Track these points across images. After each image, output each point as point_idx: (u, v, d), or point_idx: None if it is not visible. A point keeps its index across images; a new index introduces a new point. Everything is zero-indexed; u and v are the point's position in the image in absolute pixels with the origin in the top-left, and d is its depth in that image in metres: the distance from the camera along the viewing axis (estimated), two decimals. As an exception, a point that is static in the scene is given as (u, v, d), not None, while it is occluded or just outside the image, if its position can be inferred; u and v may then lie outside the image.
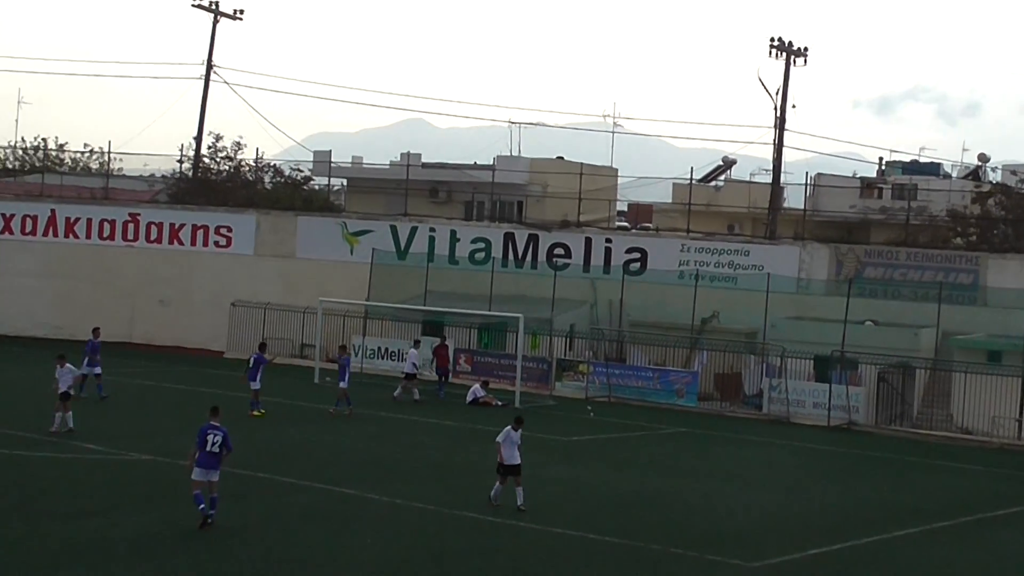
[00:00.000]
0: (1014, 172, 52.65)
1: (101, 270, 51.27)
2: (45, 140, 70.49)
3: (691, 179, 52.20)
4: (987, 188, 52.18)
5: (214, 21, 56.07)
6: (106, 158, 61.60)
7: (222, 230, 51.02)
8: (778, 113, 49.07)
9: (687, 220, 49.26)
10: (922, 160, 65.93)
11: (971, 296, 42.89)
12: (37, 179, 57.43)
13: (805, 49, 49.84)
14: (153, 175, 60.90)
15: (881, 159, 66.40)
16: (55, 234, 51.90)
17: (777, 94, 49.12)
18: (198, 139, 56.44)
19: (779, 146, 49.55)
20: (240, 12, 56.38)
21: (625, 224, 58.40)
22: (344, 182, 60.31)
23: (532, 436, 26.72)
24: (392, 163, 58.94)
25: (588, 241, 47.50)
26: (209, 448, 20.46)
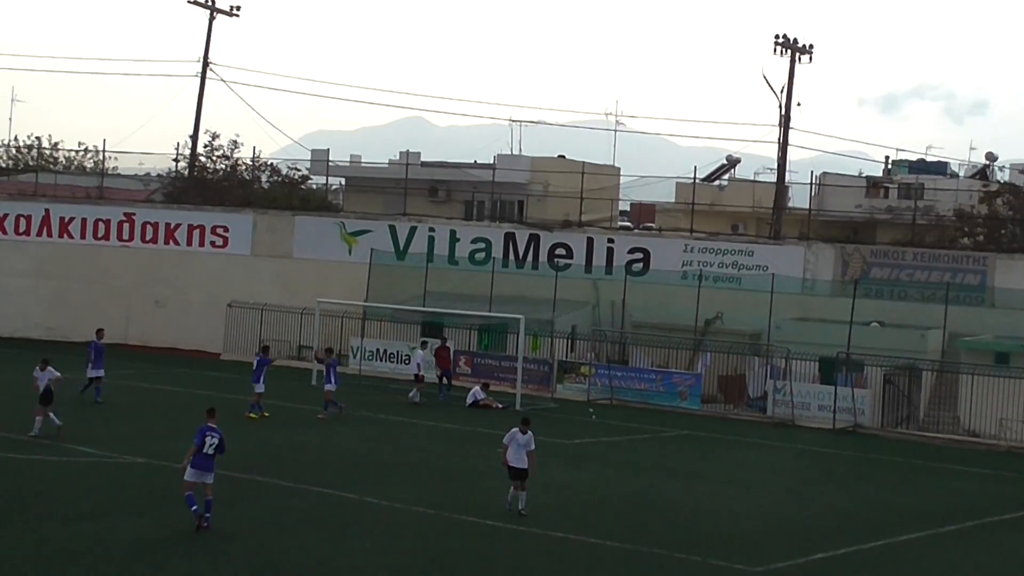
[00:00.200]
0: (1022, 171, 52.69)
1: (96, 270, 51.31)
2: (39, 138, 70.66)
3: (694, 178, 52.23)
4: (995, 187, 52.20)
5: (210, 18, 56.09)
6: (101, 157, 61.61)
7: (218, 230, 51.05)
8: (783, 111, 49.11)
9: (690, 220, 49.28)
10: (929, 159, 65.97)
11: (978, 297, 42.92)
12: (31, 178, 57.47)
13: (810, 46, 49.90)
14: (148, 174, 61.00)
15: (887, 158, 66.49)
16: (49, 234, 51.95)
17: (782, 92, 49.18)
18: (194, 137, 56.49)
19: (784, 145, 49.57)
20: (236, 9, 56.41)
21: (628, 224, 58.42)
22: (342, 181, 60.36)
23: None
24: (391, 162, 58.98)
25: (590, 241, 47.52)
26: (205, 450, 20.48)
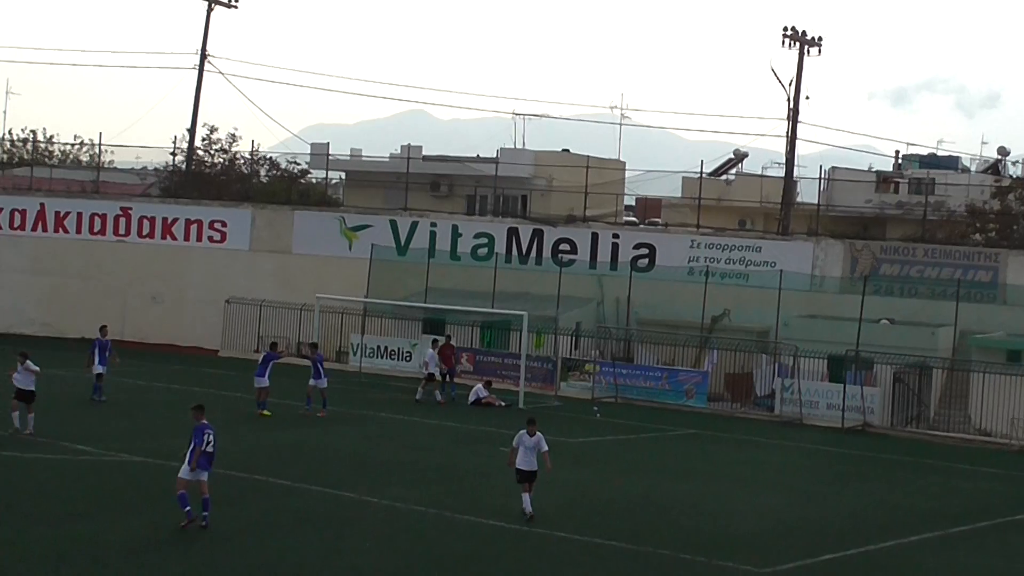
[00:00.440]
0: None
1: (91, 266, 51.32)
2: (34, 132, 70.66)
3: (701, 173, 52.19)
4: (1007, 182, 52.19)
5: (208, 9, 56.01)
6: (97, 151, 61.65)
7: (216, 225, 51.03)
8: (791, 105, 49.04)
9: (697, 215, 49.23)
10: (940, 153, 65.93)
11: (990, 294, 42.87)
12: (26, 172, 57.48)
13: (819, 39, 49.82)
14: (145, 168, 60.93)
15: (897, 152, 66.44)
16: (44, 229, 51.95)
17: (790, 85, 49.10)
18: (192, 131, 56.46)
19: (792, 139, 49.51)
20: (235, 0, 56.37)
21: (633, 219, 58.39)
22: (342, 175, 60.33)
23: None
24: (392, 156, 58.95)
25: (594, 236, 47.48)
26: (204, 447, 20.45)
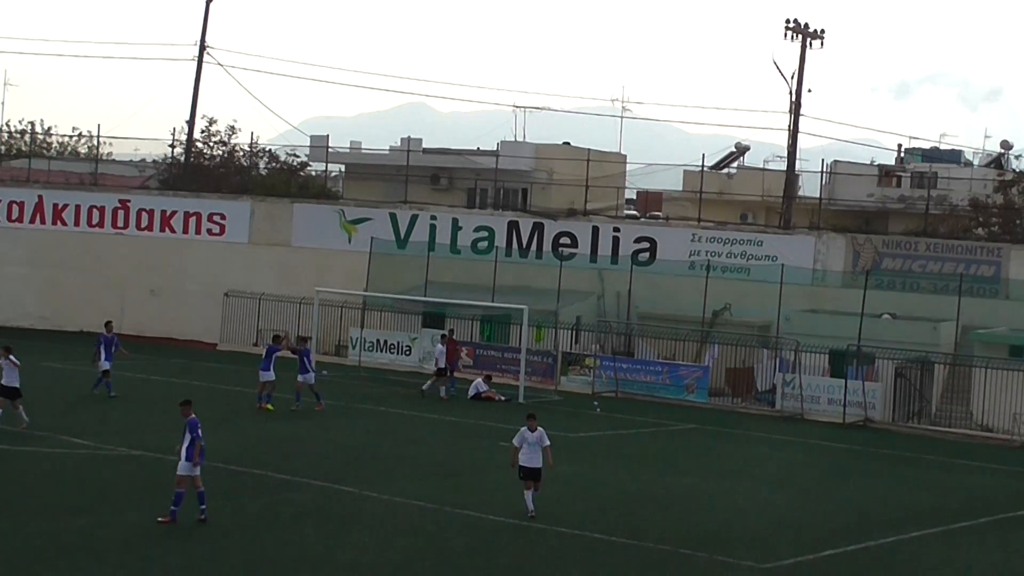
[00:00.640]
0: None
1: (90, 258, 51.28)
2: (32, 124, 70.51)
3: (702, 166, 52.10)
4: (1010, 176, 52.07)
5: (207, 0, 55.97)
6: (95, 142, 61.62)
7: (215, 217, 50.99)
8: (793, 98, 48.96)
9: (698, 209, 49.17)
10: (943, 147, 65.85)
11: (993, 289, 42.83)
12: (24, 164, 57.42)
13: (822, 31, 49.74)
14: (144, 160, 60.87)
15: (900, 146, 66.40)
16: (42, 221, 51.91)
17: (792, 78, 49.02)
18: (191, 123, 56.42)
19: (794, 132, 49.45)
20: (234, -9, 56.25)
21: (634, 212, 58.33)
22: (342, 168, 60.28)
23: (536, 432, 26.65)
24: (392, 148, 58.88)
25: (595, 230, 47.44)
26: (201, 441, 20.44)
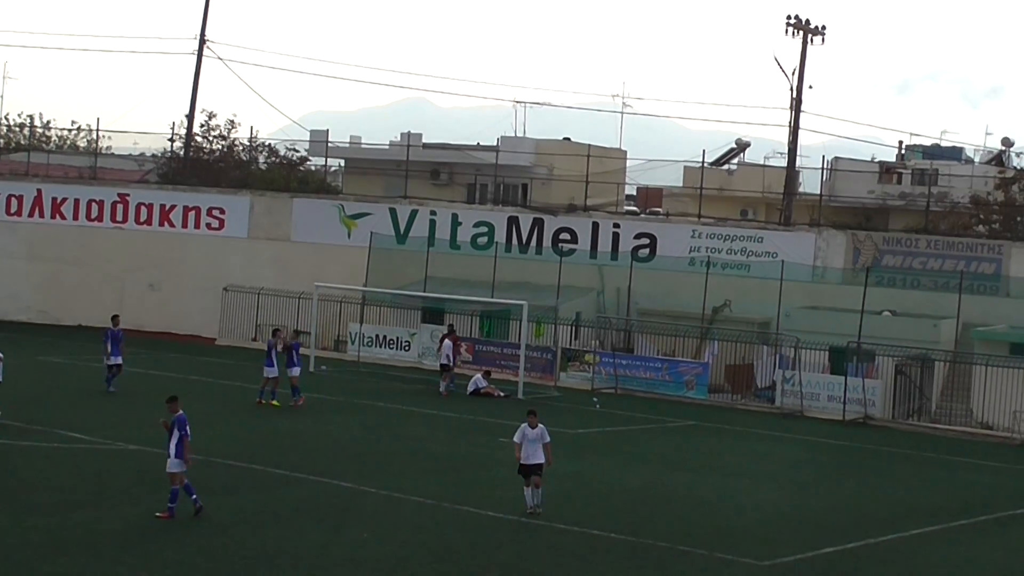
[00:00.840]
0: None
1: (88, 253, 51.29)
2: (31, 117, 70.67)
3: (703, 162, 52.15)
4: (1011, 174, 52.09)
5: (207, -6, 55.90)
6: (94, 136, 61.58)
7: (215, 212, 51.01)
8: (794, 94, 49.00)
9: (698, 205, 49.22)
10: (943, 144, 65.87)
11: (993, 286, 42.86)
12: (22, 158, 57.44)
13: (823, 28, 49.76)
14: (143, 154, 60.87)
15: (901, 143, 66.38)
16: (41, 215, 51.91)
17: (793, 74, 49.05)
18: (190, 117, 56.40)
19: (795, 128, 49.47)
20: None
21: (634, 208, 58.36)
22: (342, 163, 60.28)
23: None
24: (392, 143, 58.91)
25: (595, 226, 47.46)
26: (187, 438, 20.43)
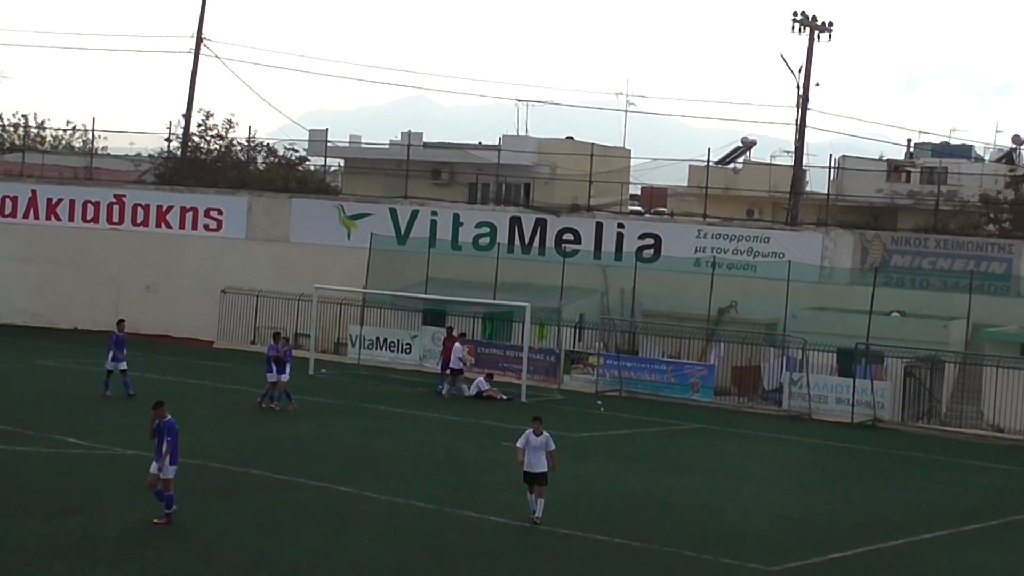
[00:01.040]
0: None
1: (84, 254, 51.30)
2: (25, 117, 70.54)
3: (708, 161, 52.11)
4: (1021, 171, 52.02)
5: (204, -9, 55.86)
6: (90, 136, 61.61)
7: (212, 213, 51.00)
8: (801, 92, 48.92)
9: (704, 204, 49.17)
10: (953, 142, 65.74)
11: (1004, 286, 42.79)
12: (17, 158, 57.40)
13: (830, 24, 49.70)
14: (139, 154, 60.86)
15: (909, 140, 66.22)
16: (36, 216, 51.92)
17: (800, 71, 48.96)
18: (187, 116, 56.37)
19: (801, 126, 49.41)
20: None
21: (638, 208, 58.30)
22: (341, 162, 60.26)
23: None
24: (392, 143, 58.90)
25: (599, 226, 47.43)
26: (173, 443, 20.42)
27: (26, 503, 21.38)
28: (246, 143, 57.82)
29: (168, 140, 57.43)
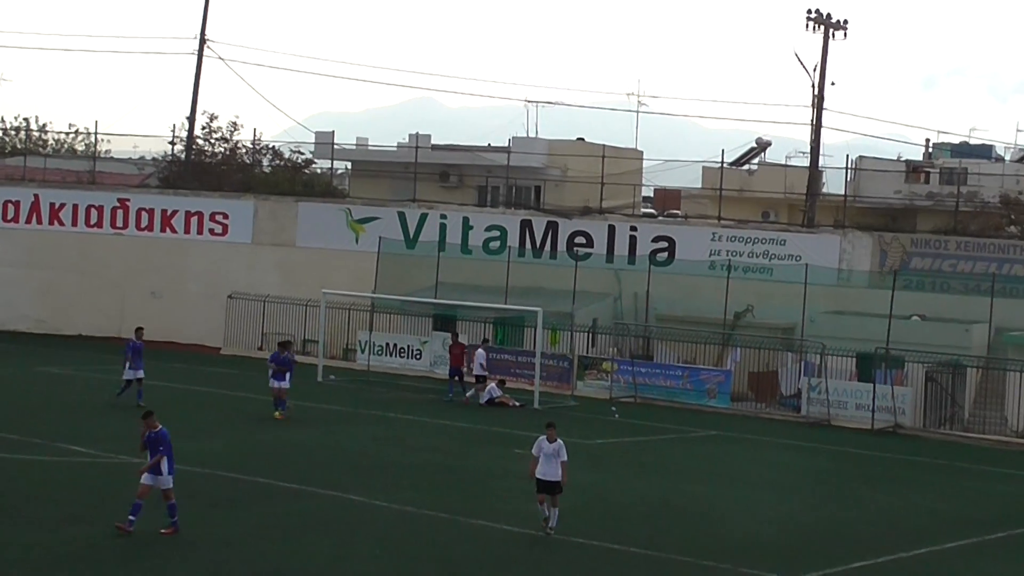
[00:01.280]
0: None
1: (87, 260, 51.37)
2: (27, 120, 70.65)
3: (722, 162, 52.05)
4: (1043, 172, 51.94)
5: (208, -8, 55.96)
6: (93, 139, 61.70)
7: (217, 217, 51.07)
8: (816, 91, 48.86)
9: (718, 206, 49.12)
10: (972, 141, 65.68)
11: (1026, 288, 42.68)
12: (19, 162, 57.48)
13: (845, 22, 49.64)
14: (143, 158, 60.94)
15: (928, 140, 66.25)
16: (38, 221, 52.01)
17: (815, 71, 48.91)
18: (191, 119, 56.46)
19: (817, 127, 49.35)
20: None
21: (651, 211, 58.28)
22: (348, 165, 60.29)
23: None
24: (399, 145, 58.86)
25: (611, 229, 47.41)
26: (164, 455, 20.36)
27: (31, 512, 21.42)
28: (251, 146, 57.90)
29: (172, 143, 57.51)
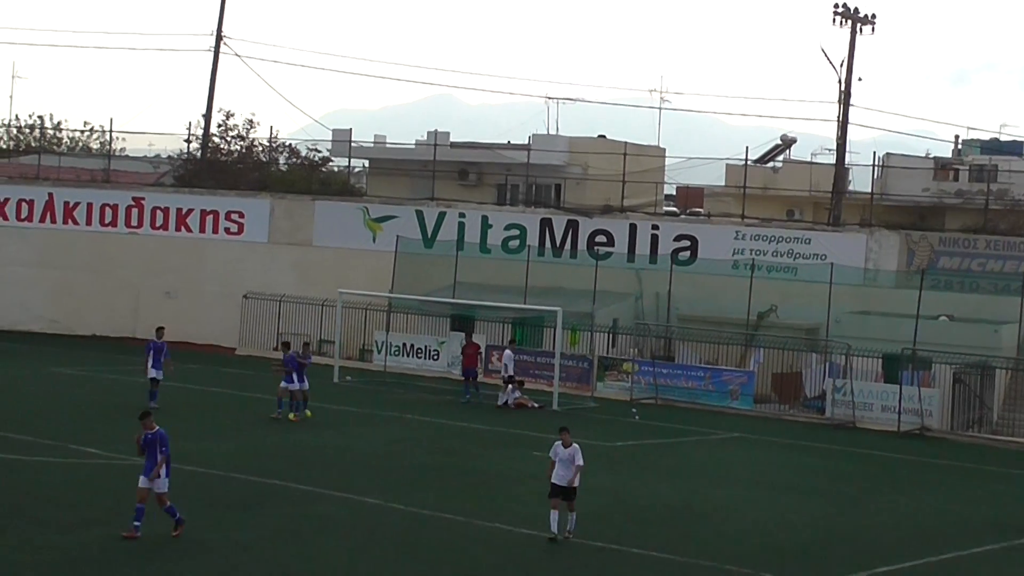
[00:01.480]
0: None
1: (102, 259, 51.57)
2: (42, 118, 70.94)
3: (746, 160, 51.94)
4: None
5: (224, -12, 56.15)
6: (108, 137, 61.94)
7: (233, 216, 51.22)
8: (842, 87, 48.73)
9: (742, 205, 49.01)
10: (1003, 138, 65.47)
11: (1057, 289, 42.44)
12: (33, 160, 57.73)
13: (872, 16, 49.51)
14: (158, 156, 61.18)
15: (957, 137, 66.02)
16: (53, 220, 52.25)
17: (841, 66, 48.78)
18: (207, 117, 56.67)
19: (844, 123, 49.22)
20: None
21: (673, 209, 58.19)
22: (366, 163, 60.37)
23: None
24: (418, 142, 58.96)
25: (633, 227, 47.36)
26: (164, 456, 20.42)
27: (45, 515, 21.52)
28: (268, 144, 58.03)
29: (188, 141, 57.69)
